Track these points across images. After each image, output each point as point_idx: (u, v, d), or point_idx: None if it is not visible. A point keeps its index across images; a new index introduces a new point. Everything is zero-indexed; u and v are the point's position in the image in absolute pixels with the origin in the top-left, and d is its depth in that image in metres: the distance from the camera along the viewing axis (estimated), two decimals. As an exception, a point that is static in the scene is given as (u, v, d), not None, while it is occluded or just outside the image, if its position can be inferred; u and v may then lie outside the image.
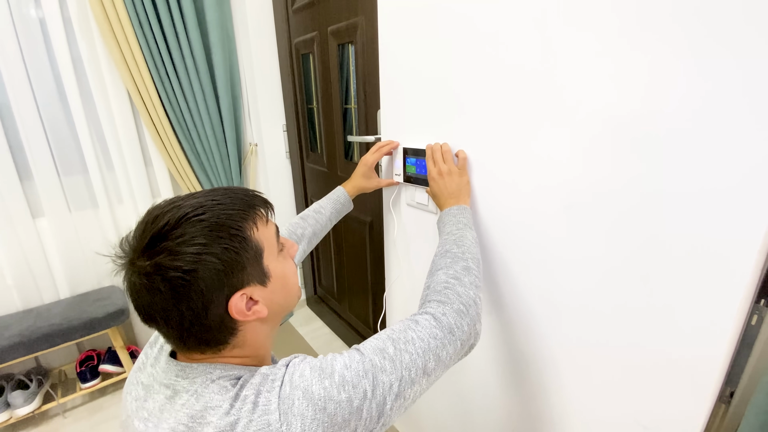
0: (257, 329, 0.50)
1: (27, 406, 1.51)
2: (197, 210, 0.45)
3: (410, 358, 0.50)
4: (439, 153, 0.85)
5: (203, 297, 0.44)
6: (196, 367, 0.47)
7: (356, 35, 1.32)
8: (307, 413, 0.41)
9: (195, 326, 0.45)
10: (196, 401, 0.44)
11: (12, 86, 1.49)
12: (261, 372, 0.45)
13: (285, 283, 0.52)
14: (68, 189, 1.68)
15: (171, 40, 1.62)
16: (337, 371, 0.45)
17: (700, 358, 0.59)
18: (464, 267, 0.65)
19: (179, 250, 0.42)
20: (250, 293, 0.47)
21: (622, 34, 0.56)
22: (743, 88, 0.47)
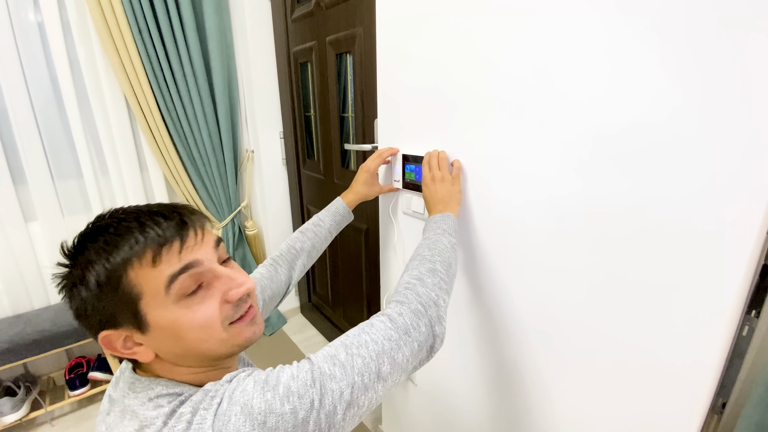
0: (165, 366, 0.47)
1: (14, 413, 1.49)
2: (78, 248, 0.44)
3: (363, 362, 0.47)
4: (436, 159, 0.86)
5: (79, 317, 0.45)
6: (142, 381, 0.46)
7: (354, 45, 1.34)
8: (243, 429, 0.39)
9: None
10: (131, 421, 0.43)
11: (8, 89, 1.48)
12: (204, 389, 0.43)
13: (178, 335, 0.45)
14: (62, 193, 1.67)
15: (169, 46, 1.63)
16: (282, 382, 0.42)
17: (691, 367, 0.60)
18: (430, 269, 0.64)
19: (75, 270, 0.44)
20: (127, 334, 0.44)
21: (614, 47, 0.57)
22: (728, 96, 0.48)
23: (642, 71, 0.55)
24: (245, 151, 2.04)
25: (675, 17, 0.51)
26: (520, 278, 0.80)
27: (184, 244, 0.45)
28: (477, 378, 0.98)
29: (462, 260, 0.92)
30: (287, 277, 0.85)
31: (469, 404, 1.03)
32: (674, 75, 0.52)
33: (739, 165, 0.49)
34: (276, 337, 2.16)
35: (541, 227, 0.74)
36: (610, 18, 0.57)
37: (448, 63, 0.82)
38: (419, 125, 0.94)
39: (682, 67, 0.52)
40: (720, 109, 0.49)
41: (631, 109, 0.57)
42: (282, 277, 0.83)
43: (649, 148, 0.56)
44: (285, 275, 0.84)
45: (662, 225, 0.57)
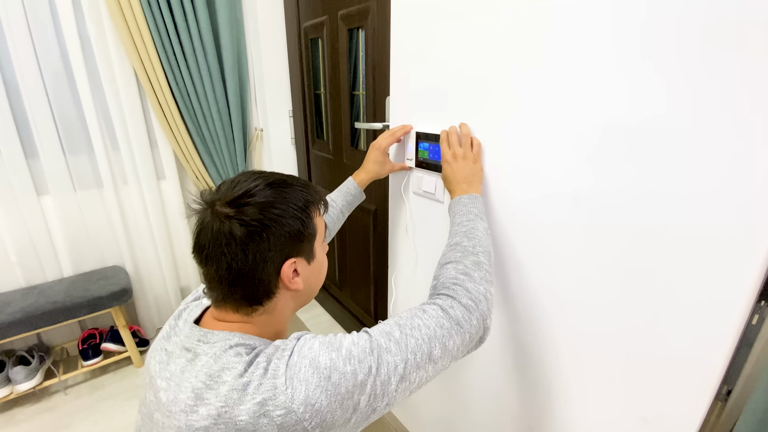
0: (287, 302, 0.56)
1: (28, 381, 1.53)
2: (282, 183, 0.53)
3: (416, 343, 0.51)
4: (455, 136, 0.83)
5: (267, 251, 0.50)
6: (216, 333, 0.51)
7: (367, 20, 1.31)
8: (312, 380, 0.44)
9: (247, 277, 0.50)
10: (214, 362, 0.48)
11: (19, 64, 1.48)
12: (274, 344, 0.50)
13: (320, 270, 0.60)
14: (73, 168, 1.68)
15: (179, 21, 1.61)
16: (344, 346, 0.48)
17: (700, 354, 0.59)
18: (474, 262, 0.65)
19: (264, 207, 0.50)
20: (297, 265, 0.54)
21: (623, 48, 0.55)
22: (747, 90, 0.46)
23: (658, 68, 0.53)
24: (254, 129, 2.03)
25: (693, 15, 0.49)
26: (534, 265, 0.79)
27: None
28: (481, 358, 0.98)
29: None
30: None
31: (472, 383, 1.03)
32: (691, 72, 0.50)
33: (759, 156, 0.47)
34: (283, 315, 2.18)
35: (555, 216, 0.72)
36: (625, 15, 0.55)
37: (467, 38, 0.80)
38: (433, 104, 0.92)
39: (699, 64, 0.49)
40: (739, 104, 0.47)
41: (648, 104, 0.55)
42: None
43: (666, 141, 0.55)
44: None
45: (676, 217, 0.56)
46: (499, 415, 0.98)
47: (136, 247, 1.90)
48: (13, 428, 1.49)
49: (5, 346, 1.66)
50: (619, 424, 0.72)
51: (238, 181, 0.52)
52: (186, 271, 2.10)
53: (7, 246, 1.61)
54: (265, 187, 0.51)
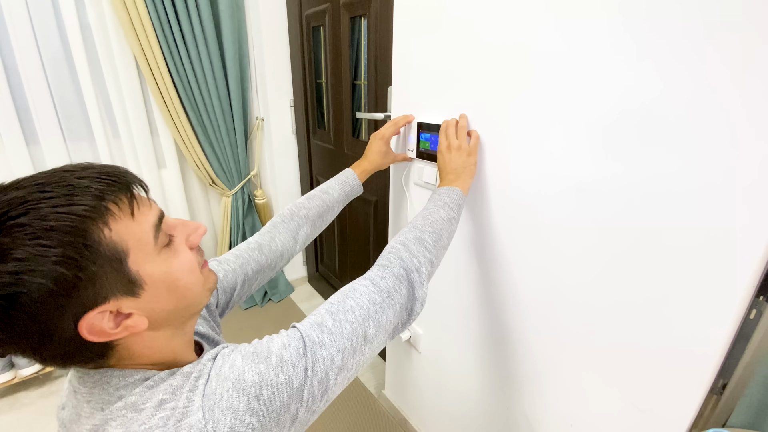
0: (146, 338, 0.41)
1: (31, 366, 1.55)
2: (17, 209, 0.33)
3: (351, 327, 0.47)
4: (453, 128, 0.83)
5: (36, 325, 0.34)
6: (92, 375, 0.40)
7: (370, 8, 1.29)
8: (238, 405, 0.37)
9: (47, 354, 0.36)
10: (93, 416, 0.38)
11: (20, 50, 1.47)
12: (182, 371, 0.40)
13: (173, 286, 0.41)
14: (74, 155, 1.68)
15: (180, 8, 1.59)
16: (274, 353, 0.41)
17: (696, 347, 0.60)
18: (417, 237, 0.64)
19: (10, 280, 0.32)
20: (115, 308, 0.37)
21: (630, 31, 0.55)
22: (754, 86, 0.46)
23: (671, 59, 0.53)
24: (255, 118, 2.02)
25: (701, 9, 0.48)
26: (529, 256, 0.80)
27: (144, 195, 0.41)
28: (481, 347, 0.99)
29: (472, 233, 0.91)
30: (285, 247, 0.78)
31: (471, 373, 1.04)
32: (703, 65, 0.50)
33: (760, 152, 0.47)
34: (283, 304, 2.20)
35: (555, 207, 0.72)
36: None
37: (469, 28, 0.79)
38: (436, 94, 0.92)
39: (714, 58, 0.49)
40: (748, 100, 0.47)
41: (654, 96, 0.55)
42: (278, 245, 0.77)
43: (672, 135, 0.54)
44: (282, 245, 0.77)
45: (675, 211, 0.56)
46: (497, 406, 1.00)
47: (138, 235, 1.90)
48: (18, 412, 1.51)
49: (8, 332, 1.68)
50: (614, 413, 0.73)
51: None
52: (187, 260, 2.10)
53: (9, 233, 1.62)
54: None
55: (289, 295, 2.28)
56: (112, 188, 0.37)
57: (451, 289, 1.03)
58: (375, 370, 1.73)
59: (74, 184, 0.35)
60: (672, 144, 0.55)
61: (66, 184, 0.35)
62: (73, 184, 0.35)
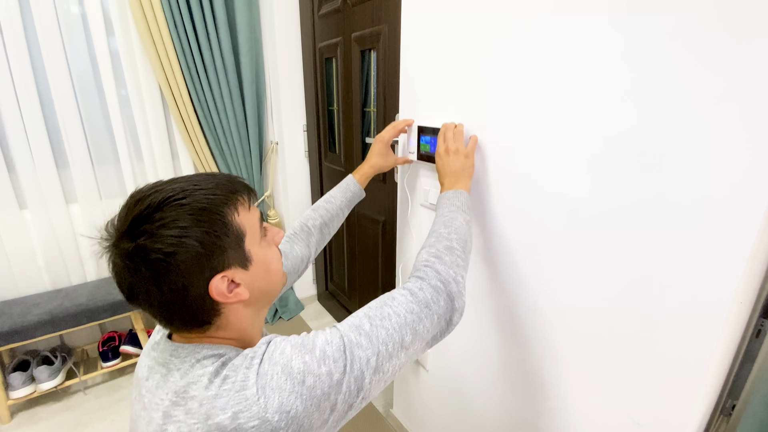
0: (240, 312, 0.51)
1: (51, 381, 1.60)
2: (179, 194, 0.45)
3: (386, 333, 0.51)
4: (451, 132, 0.87)
5: (183, 278, 0.45)
6: (186, 347, 0.49)
7: (379, 42, 1.38)
8: (285, 386, 0.43)
9: (176, 306, 0.46)
10: (181, 378, 0.46)
11: (54, 79, 1.59)
12: (243, 353, 0.47)
13: (267, 269, 0.53)
14: (100, 177, 1.78)
15: (202, 40, 1.71)
16: (318, 347, 0.47)
17: (692, 364, 0.62)
18: (447, 246, 0.67)
19: (160, 233, 0.43)
20: (231, 276, 0.48)
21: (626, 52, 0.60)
22: (736, 103, 0.51)
23: (656, 82, 0.58)
24: (270, 142, 2.12)
25: (687, 31, 0.54)
26: (531, 270, 0.84)
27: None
28: (487, 364, 1.02)
29: (476, 250, 0.96)
30: (303, 254, 0.87)
31: (478, 389, 1.07)
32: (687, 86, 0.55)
33: (743, 171, 0.52)
34: (293, 322, 2.24)
35: (554, 220, 0.77)
36: (626, 28, 0.60)
37: (472, 59, 0.86)
38: (441, 122, 0.98)
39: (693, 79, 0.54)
40: (731, 117, 0.52)
41: (647, 113, 0.60)
42: (297, 253, 0.86)
43: (666, 151, 0.59)
44: (300, 252, 0.86)
45: (672, 225, 0.60)
46: (504, 423, 1.01)
47: (155, 253, 1.98)
48: (36, 426, 1.56)
49: (30, 347, 1.74)
50: (614, 427, 0.75)
51: (129, 205, 0.46)
52: (201, 278, 2.16)
53: (36, 251, 1.70)
54: (158, 207, 0.44)
55: (299, 314, 2.31)
56: (239, 187, 0.51)
57: (457, 307, 1.07)
58: (383, 389, 1.74)
59: (215, 182, 0.49)
60: (665, 163, 0.60)
61: (210, 180, 0.49)
62: (214, 181, 0.49)
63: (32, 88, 1.55)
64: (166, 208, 0.45)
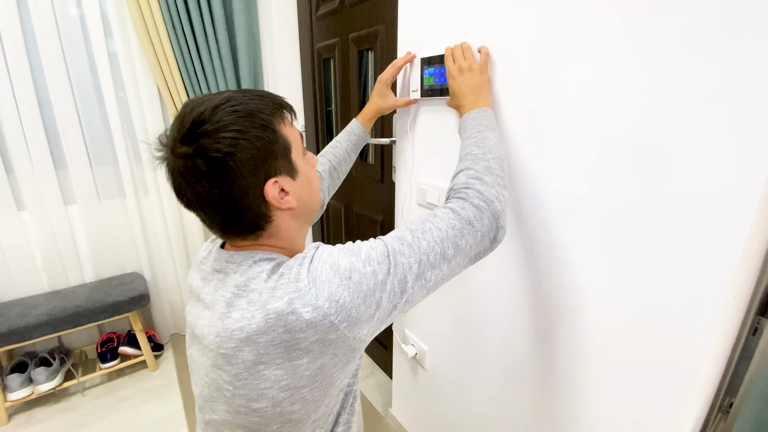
0: (288, 222, 0.56)
1: (49, 382, 1.60)
2: (231, 102, 0.49)
3: (428, 245, 0.54)
4: (459, 50, 0.82)
5: (241, 178, 0.49)
6: (241, 254, 0.54)
7: (376, 42, 1.39)
8: (333, 280, 0.48)
9: (234, 208, 0.51)
10: (241, 276, 0.52)
11: (52, 81, 1.59)
12: (295, 256, 0.53)
13: (310, 183, 0.58)
14: (99, 178, 1.78)
15: (201, 42, 1.71)
16: (363, 251, 0.52)
17: (687, 361, 0.63)
18: (485, 167, 0.66)
19: (218, 134, 0.47)
20: (281, 183, 0.52)
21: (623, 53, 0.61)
22: (729, 106, 0.51)
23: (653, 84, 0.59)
24: (268, 143, 2.12)
25: (677, 35, 0.54)
26: (530, 270, 0.84)
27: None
28: (485, 363, 1.02)
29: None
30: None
31: (477, 388, 1.07)
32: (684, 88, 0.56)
33: (735, 168, 0.52)
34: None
35: (551, 219, 0.77)
36: (617, 30, 0.61)
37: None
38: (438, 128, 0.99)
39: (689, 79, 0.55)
40: (724, 116, 0.53)
41: (644, 114, 0.61)
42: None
43: (660, 149, 0.60)
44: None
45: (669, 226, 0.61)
46: (502, 421, 1.02)
47: (154, 254, 1.98)
48: (34, 427, 1.55)
49: (28, 348, 1.74)
50: (610, 423, 0.75)
51: (184, 113, 0.49)
52: (200, 279, 2.16)
53: (35, 252, 1.71)
54: (213, 111, 0.48)
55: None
56: (283, 103, 0.55)
57: (456, 305, 1.07)
58: (382, 388, 1.74)
59: (262, 94, 0.53)
60: (662, 162, 0.60)
61: (256, 93, 0.52)
62: (261, 94, 0.53)
63: (30, 89, 1.56)
64: (220, 113, 0.48)
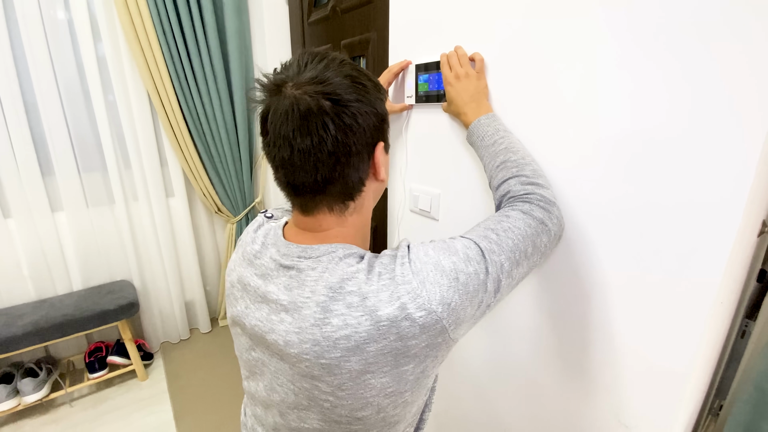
0: (370, 198, 0.55)
1: (36, 393, 1.57)
2: (361, 77, 0.49)
3: (513, 243, 0.54)
4: (455, 57, 0.82)
5: (363, 133, 0.48)
6: (315, 248, 0.50)
7: (368, 49, 1.39)
8: (443, 282, 0.47)
9: (346, 165, 0.48)
10: (330, 275, 0.48)
11: (39, 85, 1.57)
12: (386, 253, 0.51)
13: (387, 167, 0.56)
14: (87, 185, 1.76)
15: (191, 47, 1.71)
16: (459, 250, 0.50)
17: (676, 362, 0.63)
18: (533, 171, 0.66)
19: (349, 82, 0.46)
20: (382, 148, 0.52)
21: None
22: (729, 108, 0.53)
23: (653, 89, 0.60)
24: (260, 149, 2.11)
25: (683, 42, 0.56)
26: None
27: None
28: (474, 368, 1.02)
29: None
30: None
31: (467, 394, 1.07)
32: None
33: (719, 176, 0.53)
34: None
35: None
36: (622, 35, 0.62)
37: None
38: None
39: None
40: (714, 121, 0.54)
41: (635, 117, 0.62)
42: None
43: (647, 154, 0.60)
44: None
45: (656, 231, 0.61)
46: (486, 423, 1.02)
47: (144, 261, 1.96)
48: (20, 439, 1.52)
49: (14, 359, 1.70)
50: (600, 428, 0.76)
51: (308, 56, 0.48)
52: (191, 286, 2.15)
53: (21, 260, 1.68)
54: (341, 64, 0.47)
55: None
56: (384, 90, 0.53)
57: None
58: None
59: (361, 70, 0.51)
60: (656, 166, 0.61)
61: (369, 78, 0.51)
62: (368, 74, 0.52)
63: (17, 94, 1.54)
64: (347, 67, 0.47)
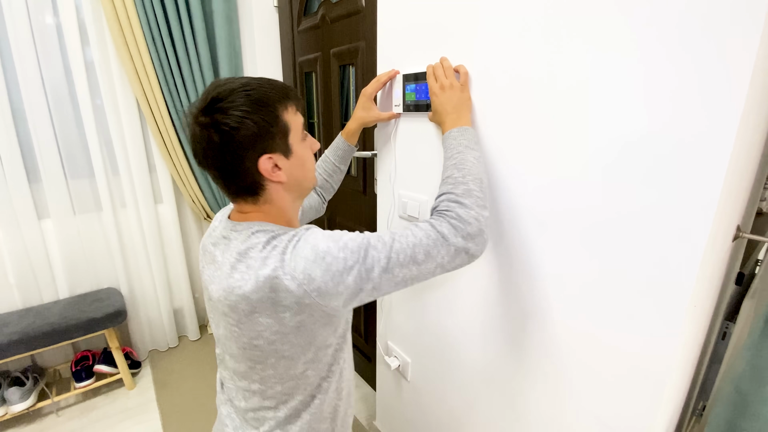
0: (280, 192, 0.66)
1: (22, 402, 1.55)
2: (246, 86, 0.59)
3: (400, 246, 0.62)
4: (441, 69, 0.87)
5: (241, 149, 0.59)
6: (242, 224, 0.65)
7: (357, 58, 1.41)
8: (309, 257, 0.58)
9: (235, 173, 0.61)
10: (241, 244, 0.62)
11: (26, 90, 1.56)
12: (289, 232, 0.62)
13: (303, 164, 0.67)
14: (74, 192, 1.74)
15: (181, 53, 1.71)
16: (343, 240, 0.60)
17: (656, 364, 0.65)
18: (465, 190, 0.70)
19: (230, 112, 0.57)
20: (275, 160, 0.62)
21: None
22: (699, 114, 0.55)
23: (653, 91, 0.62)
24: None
25: (689, 45, 0.58)
26: (505, 282, 0.86)
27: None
28: (466, 374, 1.03)
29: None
30: (317, 203, 1.03)
31: (458, 399, 1.08)
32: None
33: (690, 183, 0.56)
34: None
35: (527, 228, 0.80)
36: (622, 38, 0.64)
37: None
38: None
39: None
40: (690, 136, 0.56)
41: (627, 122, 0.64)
42: (311, 203, 1.01)
43: (626, 159, 0.63)
44: (313, 201, 1.02)
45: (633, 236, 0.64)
46: (478, 428, 1.03)
47: (132, 269, 1.94)
48: (4, 450, 1.50)
49: (0, 368, 1.68)
50: (582, 428, 0.77)
51: (209, 91, 0.60)
52: (180, 293, 2.13)
53: (7, 268, 1.65)
54: (231, 93, 0.58)
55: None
56: (291, 94, 0.64)
57: (437, 317, 1.09)
58: (366, 401, 1.74)
59: (274, 84, 0.62)
60: (635, 170, 0.63)
61: (271, 82, 0.62)
62: (274, 84, 0.62)
63: (4, 99, 1.52)
64: (236, 94, 0.58)
